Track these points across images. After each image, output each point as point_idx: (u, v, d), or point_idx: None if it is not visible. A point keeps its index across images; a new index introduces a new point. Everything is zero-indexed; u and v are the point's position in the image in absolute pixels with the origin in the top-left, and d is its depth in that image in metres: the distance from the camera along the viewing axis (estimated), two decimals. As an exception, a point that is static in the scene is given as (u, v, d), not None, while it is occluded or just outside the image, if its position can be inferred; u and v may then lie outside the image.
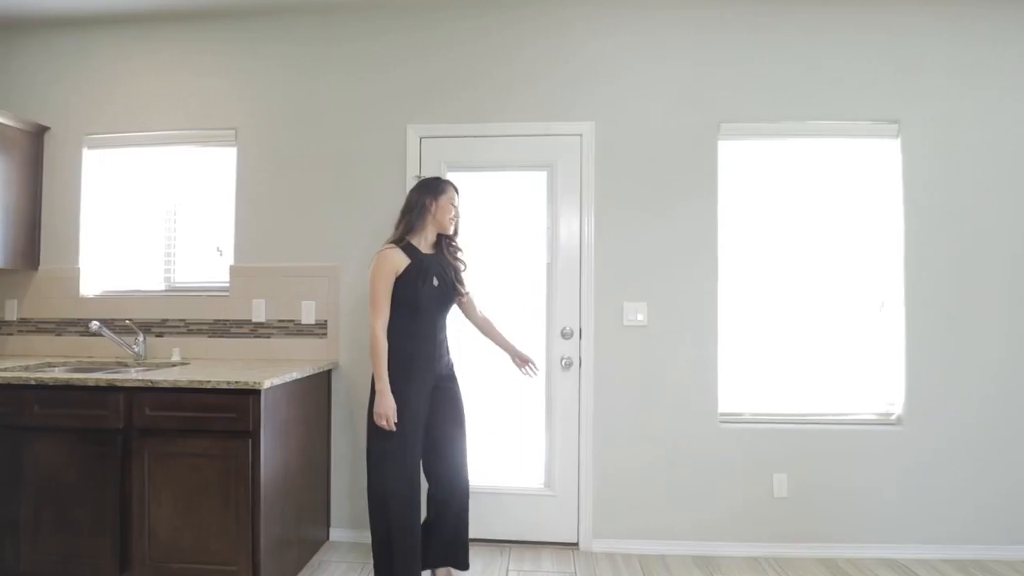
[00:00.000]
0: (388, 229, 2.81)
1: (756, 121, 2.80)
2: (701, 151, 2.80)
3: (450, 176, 2.82)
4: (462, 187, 2.81)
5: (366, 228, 2.88)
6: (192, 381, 2.16)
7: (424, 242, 2.30)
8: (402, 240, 2.26)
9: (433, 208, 2.29)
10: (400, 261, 2.20)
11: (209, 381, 2.15)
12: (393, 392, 2.14)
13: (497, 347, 2.51)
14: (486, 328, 2.50)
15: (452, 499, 2.30)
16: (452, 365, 2.37)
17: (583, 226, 2.79)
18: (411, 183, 2.83)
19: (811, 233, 2.82)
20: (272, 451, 2.26)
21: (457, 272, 2.34)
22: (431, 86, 2.89)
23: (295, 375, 2.41)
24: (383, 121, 2.90)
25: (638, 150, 2.81)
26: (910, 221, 2.75)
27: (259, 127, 2.96)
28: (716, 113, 2.80)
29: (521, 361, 2.49)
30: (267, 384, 2.17)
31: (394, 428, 2.13)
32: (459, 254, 2.38)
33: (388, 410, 2.12)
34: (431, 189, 2.32)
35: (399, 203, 2.83)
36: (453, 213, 2.34)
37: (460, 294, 2.36)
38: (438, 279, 2.25)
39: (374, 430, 2.18)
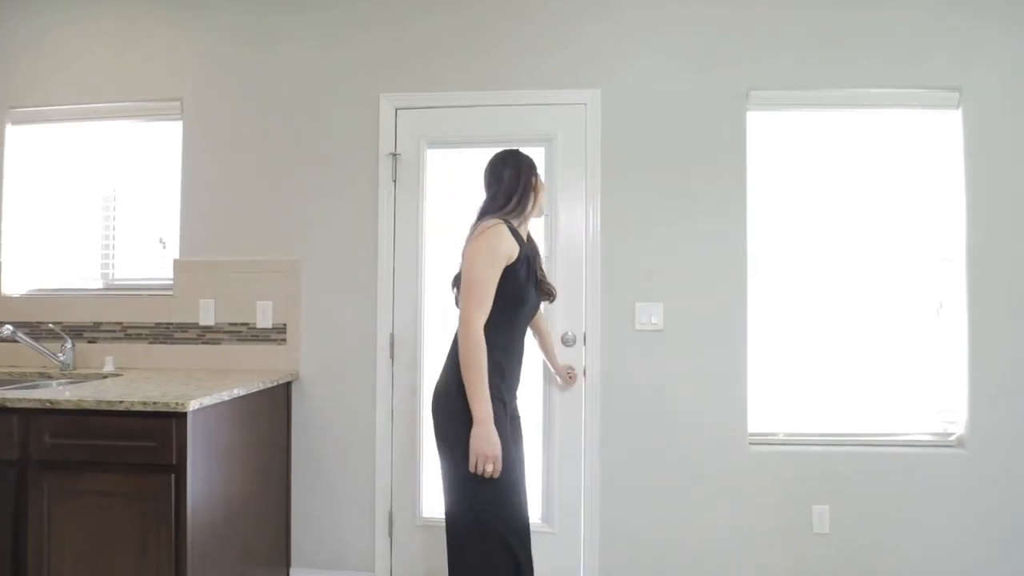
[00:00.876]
0: (357, 216, 2.43)
1: (791, 88, 2.37)
2: (727, 124, 2.37)
3: (431, 154, 2.40)
4: (444, 167, 2.41)
5: (331, 215, 2.46)
6: (100, 401, 1.73)
7: (523, 230, 1.84)
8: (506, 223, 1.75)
9: (538, 188, 1.86)
10: (513, 245, 1.70)
11: (122, 401, 1.72)
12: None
13: (547, 362, 2.29)
14: (547, 341, 2.22)
15: None
16: None
17: (588, 213, 2.36)
18: (385, 162, 2.42)
19: (856, 222, 2.39)
20: (205, 485, 1.84)
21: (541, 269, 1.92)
22: (409, 50, 2.45)
23: (238, 391, 1.98)
24: (352, 90, 2.47)
25: (653, 122, 2.38)
26: (974, 207, 2.32)
27: (207, 98, 2.53)
28: (745, 79, 2.37)
29: (568, 375, 2.31)
30: (194, 405, 1.74)
31: (496, 475, 1.61)
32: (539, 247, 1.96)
33: (495, 449, 1.59)
34: (529, 164, 1.85)
35: (370, 186, 2.44)
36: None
37: (552, 297, 1.91)
38: (534, 278, 1.81)
39: (471, 478, 1.62)
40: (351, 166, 2.45)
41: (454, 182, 2.39)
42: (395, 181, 2.41)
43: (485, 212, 1.80)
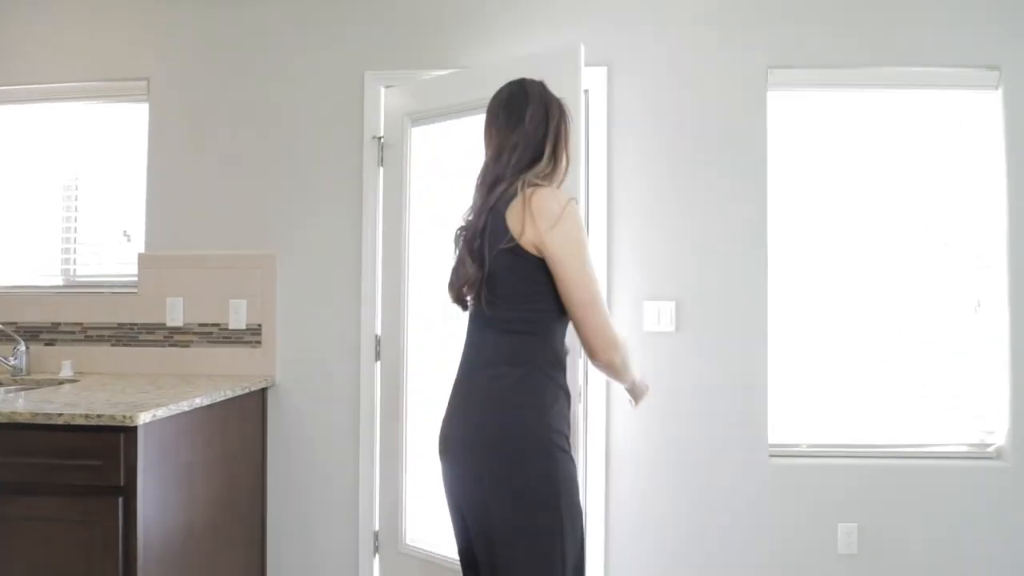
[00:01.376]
0: (338, 205, 2.21)
1: (815, 67, 2.17)
2: (745, 105, 2.16)
3: (415, 132, 2.15)
4: (428, 142, 2.16)
5: (310, 206, 2.25)
6: (36, 414, 1.51)
7: None
8: None
9: (569, 141, 1.38)
10: None
11: (61, 415, 1.50)
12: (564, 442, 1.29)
13: None
14: None
15: None
16: None
17: (589, 200, 2.14)
18: (370, 145, 2.20)
19: (886, 213, 2.19)
20: (161, 509, 1.62)
21: None
22: (395, 23, 2.24)
23: (200, 400, 1.77)
24: (334, 68, 2.25)
25: (663, 103, 2.17)
26: (1016, 196, 2.12)
27: (177, 77, 2.31)
28: (764, 55, 2.16)
29: None
30: (145, 418, 1.52)
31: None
32: None
33: (648, 388, 1.50)
34: (559, 104, 1.36)
35: (351, 173, 2.22)
36: None
37: None
38: None
39: (561, 539, 1.24)
40: (331, 151, 2.24)
41: (443, 163, 2.15)
42: (381, 166, 2.19)
43: (504, 172, 1.27)
